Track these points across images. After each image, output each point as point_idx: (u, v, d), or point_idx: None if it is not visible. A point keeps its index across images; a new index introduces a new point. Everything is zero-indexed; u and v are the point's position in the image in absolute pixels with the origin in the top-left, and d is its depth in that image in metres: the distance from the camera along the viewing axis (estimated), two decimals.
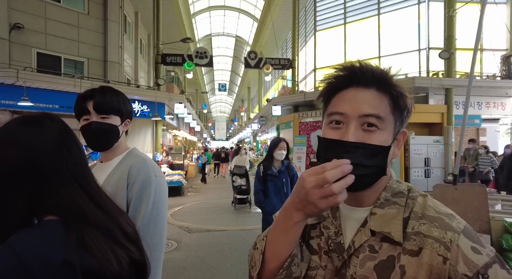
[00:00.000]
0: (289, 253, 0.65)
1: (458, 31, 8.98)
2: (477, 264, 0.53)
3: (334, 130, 0.64)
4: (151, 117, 10.60)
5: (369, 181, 0.63)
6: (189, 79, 22.87)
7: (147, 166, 1.23)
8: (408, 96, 0.65)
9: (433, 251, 0.56)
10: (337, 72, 0.67)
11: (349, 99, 0.63)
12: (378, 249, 0.62)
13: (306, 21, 15.30)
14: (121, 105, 1.27)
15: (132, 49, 13.91)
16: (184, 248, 4.86)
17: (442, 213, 0.61)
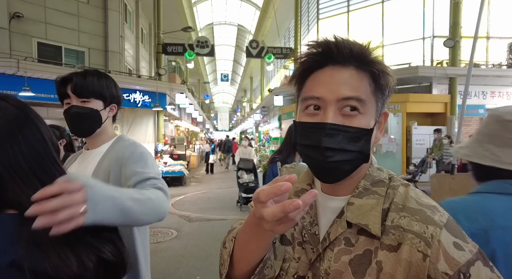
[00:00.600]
0: (260, 258, 0.60)
1: (464, 18, 8.78)
2: (459, 262, 0.49)
3: (311, 116, 0.58)
4: (152, 107, 10.59)
5: (350, 168, 0.58)
6: (191, 69, 22.70)
7: (136, 145, 1.22)
8: (390, 74, 0.59)
9: (413, 247, 0.52)
10: (310, 50, 0.60)
11: (325, 81, 0.57)
12: (355, 242, 0.58)
13: (309, 9, 15.04)
14: (104, 89, 1.20)
15: (133, 39, 13.80)
16: (184, 237, 4.91)
17: (424, 205, 0.56)
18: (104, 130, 1.25)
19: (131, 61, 13.40)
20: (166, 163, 10.45)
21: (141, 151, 1.19)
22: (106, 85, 1.22)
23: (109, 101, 1.24)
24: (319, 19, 13.51)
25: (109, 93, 1.22)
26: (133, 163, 1.13)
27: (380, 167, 0.65)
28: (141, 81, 10.88)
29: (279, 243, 0.67)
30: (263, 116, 18.25)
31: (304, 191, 0.69)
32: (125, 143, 1.23)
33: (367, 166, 0.63)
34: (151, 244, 4.50)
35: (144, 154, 1.18)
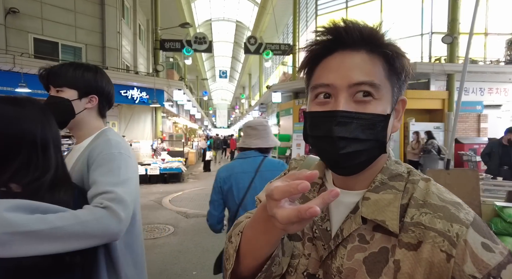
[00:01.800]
0: (268, 254, 0.56)
1: (462, 15, 8.76)
2: (489, 264, 0.45)
3: (321, 105, 0.55)
4: (150, 104, 10.55)
5: (365, 160, 0.54)
6: (189, 66, 22.62)
7: (110, 144, 1.09)
8: (405, 56, 0.54)
9: (435, 246, 0.48)
10: (319, 36, 0.56)
11: (335, 67, 0.53)
12: (370, 239, 0.54)
13: (307, 5, 14.96)
14: (78, 78, 1.13)
15: (130, 35, 13.71)
16: (181, 232, 4.92)
17: (447, 201, 0.52)
18: (84, 123, 1.18)
19: (129, 57, 13.32)
20: (164, 159, 10.44)
21: (110, 151, 1.06)
22: (83, 75, 1.14)
23: (85, 92, 1.15)
24: (318, 15, 13.46)
25: (84, 83, 1.14)
26: (96, 167, 1.02)
27: (398, 160, 0.61)
28: (138, 78, 10.82)
29: (287, 239, 0.63)
30: (262, 113, 18.22)
31: (315, 185, 0.65)
32: (102, 139, 1.12)
33: (384, 158, 0.59)
34: (148, 240, 4.52)
35: (113, 155, 1.05)
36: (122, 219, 0.93)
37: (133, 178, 1.06)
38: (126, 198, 0.97)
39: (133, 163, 1.13)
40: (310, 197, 0.64)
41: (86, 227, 0.86)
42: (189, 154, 15.16)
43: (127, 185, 1.01)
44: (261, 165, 1.86)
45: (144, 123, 11.50)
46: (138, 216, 1.19)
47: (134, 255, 1.14)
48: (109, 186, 0.97)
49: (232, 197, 1.83)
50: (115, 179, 1.00)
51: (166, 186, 9.28)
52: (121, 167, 1.04)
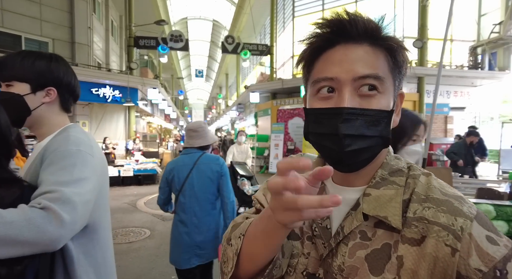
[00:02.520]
0: (270, 257, 0.54)
1: (430, 21, 9.21)
2: (494, 257, 0.45)
3: (324, 100, 0.53)
4: (123, 103, 10.18)
5: (369, 156, 0.53)
6: (164, 64, 22.09)
7: (67, 140, 0.96)
8: (406, 49, 0.53)
9: (440, 241, 0.47)
10: (321, 28, 0.54)
11: (338, 60, 0.51)
12: (371, 236, 0.53)
13: (285, 7, 15.10)
14: (27, 69, 0.98)
15: (102, 31, 13.15)
16: (158, 236, 4.76)
17: (450, 195, 0.51)
18: (44, 120, 1.03)
19: (101, 54, 12.76)
20: (138, 160, 10.09)
21: (66, 148, 0.93)
22: (34, 65, 0.99)
23: (40, 84, 1.00)
24: (295, 16, 13.61)
25: (36, 74, 0.99)
26: (48, 165, 0.89)
27: (397, 155, 0.60)
28: (111, 76, 10.40)
29: (286, 239, 0.61)
30: (239, 113, 18.17)
31: None
32: (62, 135, 0.99)
33: (384, 154, 0.58)
34: (123, 244, 4.32)
35: (69, 152, 0.92)
36: (64, 222, 0.78)
37: (91, 178, 0.92)
38: (75, 198, 0.82)
39: (96, 162, 0.98)
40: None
41: (10, 229, 0.71)
42: (164, 154, 14.79)
43: (80, 185, 0.87)
44: (199, 159, 2.26)
45: (117, 123, 11.07)
46: (104, 221, 1.06)
47: (97, 266, 1.00)
48: (54, 185, 0.83)
49: (174, 184, 2.25)
50: (66, 177, 0.86)
51: (140, 188, 8.97)
52: (77, 165, 0.90)
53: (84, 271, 0.95)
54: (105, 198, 1.07)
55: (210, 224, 2.21)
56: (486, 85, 10.57)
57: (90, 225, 0.96)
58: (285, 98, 10.83)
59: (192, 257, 2.15)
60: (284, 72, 14.65)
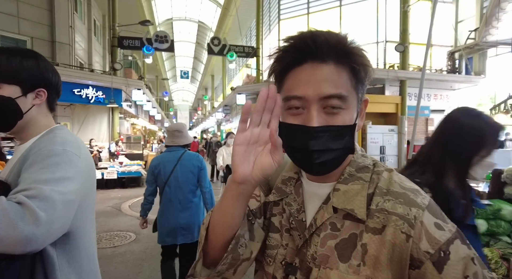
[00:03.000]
0: (230, 232, 0.60)
1: (411, 26, 9.50)
2: (440, 240, 0.52)
3: (295, 116, 0.58)
4: (106, 104, 9.96)
5: (337, 164, 0.59)
6: (148, 65, 21.78)
7: (53, 140, 0.91)
8: (369, 65, 0.58)
9: (397, 229, 0.53)
10: (287, 46, 0.58)
11: (306, 79, 0.55)
12: (340, 227, 0.59)
13: (270, 10, 15.22)
14: (17, 70, 0.92)
15: (84, 31, 12.83)
16: (144, 239, 4.67)
17: (407, 189, 0.58)
18: (33, 122, 0.98)
19: (83, 54, 12.45)
20: (122, 163, 9.88)
21: (51, 147, 0.88)
22: (22, 64, 0.92)
23: (31, 86, 0.95)
24: (280, 19, 13.73)
25: (28, 75, 0.93)
26: (30, 164, 0.84)
27: (364, 153, 0.66)
28: (94, 76, 10.15)
29: (258, 226, 0.67)
30: (226, 115, 18.11)
31: (291, 179, 0.69)
32: (49, 136, 0.95)
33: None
34: (108, 249, 4.22)
35: (54, 151, 0.87)
36: (40, 220, 0.70)
37: (75, 179, 0.86)
38: (54, 197, 0.76)
39: (83, 164, 0.93)
40: (287, 190, 0.68)
41: None
42: (149, 156, 14.54)
43: (63, 184, 0.81)
44: (182, 155, 2.67)
45: (100, 125, 10.81)
46: (89, 225, 1.01)
47: (82, 273, 0.95)
48: (33, 183, 0.77)
49: (160, 178, 2.64)
50: (47, 175, 0.80)
51: (124, 191, 8.78)
52: (60, 164, 0.85)
53: (65, 273, 0.89)
54: (92, 202, 1.03)
55: (192, 209, 2.66)
56: (464, 89, 11.01)
57: (74, 230, 0.92)
58: None
59: (178, 236, 2.60)
60: None
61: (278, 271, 0.64)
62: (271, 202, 0.70)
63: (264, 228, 0.69)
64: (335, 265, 0.57)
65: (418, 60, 10.28)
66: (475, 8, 10.64)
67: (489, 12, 5.74)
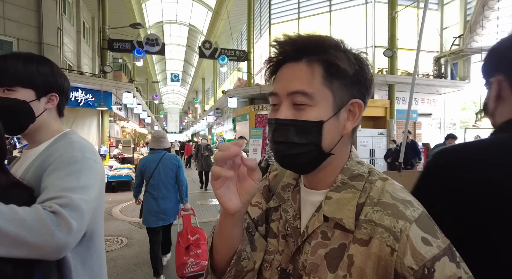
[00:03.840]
0: (232, 249, 0.63)
1: (399, 32, 9.74)
2: (425, 257, 0.49)
3: (273, 112, 0.62)
4: (96, 107, 9.83)
5: (307, 160, 0.58)
6: (138, 68, 21.59)
7: (72, 146, 0.95)
8: (339, 63, 0.56)
9: (382, 241, 0.52)
10: (274, 50, 0.63)
11: (280, 78, 0.61)
12: (331, 236, 0.58)
13: (261, 14, 15.34)
14: (34, 74, 0.95)
15: (73, 33, 12.64)
16: (136, 244, 4.62)
17: (398, 199, 0.55)
18: (44, 126, 1.01)
19: (71, 56, 12.26)
20: (112, 166, 9.74)
21: (72, 154, 0.92)
22: (38, 70, 0.96)
23: (45, 90, 0.98)
24: (271, 24, 13.86)
25: (42, 80, 0.97)
26: (52, 170, 0.87)
27: (361, 160, 0.65)
28: (83, 79, 10.01)
29: (259, 235, 0.69)
30: (217, 118, 18.08)
31: (290, 186, 0.70)
32: (65, 141, 0.99)
33: (344, 159, 0.63)
34: None
35: (75, 157, 0.92)
36: (72, 229, 0.76)
37: (95, 185, 0.92)
38: (83, 206, 0.81)
39: (99, 169, 0.98)
40: (285, 196, 0.69)
41: (23, 227, 0.68)
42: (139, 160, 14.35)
43: (87, 192, 0.86)
44: (163, 156, 3.46)
45: (89, 128, 10.65)
46: (100, 229, 1.05)
47: (93, 275, 0.98)
48: (63, 191, 0.81)
49: (146, 173, 3.43)
50: (73, 183, 0.85)
51: (115, 195, 8.67)
52: (83, 171, 0.90)
53: (80, 275, 0.92)
54: (102, 205, 1.07)
55: (171, 198, 3.43)
56: (449, 93, 11.32)
57: (88, 232, 0.94)
58: (263, 103, 10.96)
59: (159, 220, 3.36)
60: (262, 78, 14.80)
61: (274, 277, 0.65)
62: (271, 207, 0.72)
63: (266, 234, 0.71)
64: (323, 274, 0.56)
65: (406, 65, 10.53)
66: (459, 15, 10.99)
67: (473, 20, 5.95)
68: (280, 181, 0.73)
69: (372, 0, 11.51)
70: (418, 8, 11.07)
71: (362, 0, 11.86)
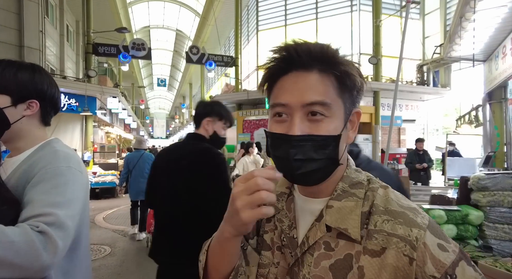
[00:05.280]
0: (230, 266, 0.61)
1: (383, 39, 9.99)
2: (445, 263, 0.49)
3: (279, 124, 0.57)
4: (80, 112, 9.61)
5: (322, 176, 0.57)
6: (124, 72, 21.28)
7: (57, 157, 0.93)
8: (355, 74, 0.57)
9: (399, 251, 0.50)
10: (273, 55, 0.59)
11: (290, 88, 0.56)
12: (334, 246, 0.56)
13: (249, 20, 15.46)
14: (8, 80, 0.93)
15: (56, 36, 12.36)
16: (119, 253, 4.49)
17: (405, 208, 0.55)
18: (25, 134, 0.98)
19: (54, 60, 11.96)
20: (96, 173, 9.49)
21: (57, 165, 0.90)
22: (16, 76, 0.94)
23: (21, 97, 0.95)
24: (259, 30, 13.97)
25: (19, 86, 0.94)
26: (37, 183, 0.86)
27: (358, 168, 0.64)
28: (66, 83, 9.78)
29: (252, 249, 0.67)
30: None
31: (283, 195, 0.68)
32: (48, 150, 0.96)
33: (343, 167, 0.62)
34: None
35: (60, 169, 0.90)
36: (58, 249, 0.76)
37: (80, 197, 0.92)
38: (69, 223, 0.81)
39: (84, 180, 0.98)
40: (279, 206, 0.66)
41: (10, 249, 0.67)
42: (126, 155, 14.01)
43: (73, 206, 0.86)
44: (143, 154, 5.27)
45: (72, 133, 10.38)
46: (85, 239, 1.02)
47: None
48: (49, 207, 0.80)
49: (130, 165, 5.19)
50: (59, 198, 0.84)
51: (98, 202, 8.43)
52: (68, 183, 0.89)
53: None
54: (87, 215, 1.04)
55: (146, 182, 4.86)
56: (432, 100, 11.64)
57: (71, 244, 0.91)
58: (251, 109, 10.97)
59: (138, 195, 5.10)
60: (249, 83, 14.86)
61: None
62: (263, 219, 0.68)
63: (258, 247, 0.68)
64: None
65: (391, 72, 10.79)
66: (440, 25, 11.39)
67: (452, 30, 6.17)
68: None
69: (357, 9, 11.79)
70: (401, 17, 11.40)
71: (347, 9, 12.13)
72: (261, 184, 0.49)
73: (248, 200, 0.49)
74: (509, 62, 5.83)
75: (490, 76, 7.02)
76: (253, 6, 14.60)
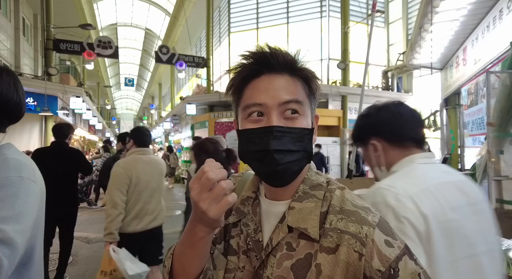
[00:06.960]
0: (199, 269, 0.61)
1: (351, 46, 10.40)
2: (389, 258, 0.52)
3: (255, 123, 0.59)
4: (38, 112, 8.99)
5: (297, 169, 0.60)
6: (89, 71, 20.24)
7: (7, 165, 0.86)
8: (318, 79, 0.64)
9: (350, 248, 0.53)
10: (246, 59, 0.62)
11: (264, 88, 0.59)
12: (296, 246, 0.58)
13: (220, 22, 15.39)
14: None
15: (10, 29, 11.47)
16: (82, 261, 4.26)
17: (358, 207, 0.58)
18: None
19: (8, 55, 11.10)
20: None
21: (6, 175, 0.84)
22: None
23: None
24: (231, 32, 13.95)
25: None
26: None
27: (318, 171, 0.67)
28: (23, 81, 9.09)
29: (218, 253, 0.68)
30: (174, 125, 17.56)
31: (249, 199, 0.69)
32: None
33: (306, 170, 0.64)
34: None
35: (10, 180, 0.83)
36: (3, 269, 0.70)
37: (32, 209, 0.84)
38: (17, 239, 0.74)
39: (38, 190, 0.90)
40: (245, 210, 0.68)
41: None
42: None
43: (23, 221, 0.79)
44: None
45: (30, 135, 9.69)
46: (38, 252, 0.95)
47: None
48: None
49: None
50: (7, 212, 0.77)
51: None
52: (19, 195, 0.81)
53: None
54: (42, 226, 0.96)
55: None
56: None
57: (24, 255, 0.85)
58: (223, 111, 10.91)
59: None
60: (221, 85, 14.77)
61: None
62: (230, 223, 0.69)
63: (224, 252, 0.68)
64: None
65: (358, 77, 11.24)
66: (402, 34, 12.08)
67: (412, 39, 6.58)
68: (238, 195, 0.71)
69: (326, 15, 12.16)
70: (368, 25, 11.94)
71: (317, 15, 12.48)
72: (216, 176, 0.50)
73: (211, 197, 0.50)
74: (462, 71, 6.32)
75: (446, 84, 7.56)
76: (225, 8, 14.56)
